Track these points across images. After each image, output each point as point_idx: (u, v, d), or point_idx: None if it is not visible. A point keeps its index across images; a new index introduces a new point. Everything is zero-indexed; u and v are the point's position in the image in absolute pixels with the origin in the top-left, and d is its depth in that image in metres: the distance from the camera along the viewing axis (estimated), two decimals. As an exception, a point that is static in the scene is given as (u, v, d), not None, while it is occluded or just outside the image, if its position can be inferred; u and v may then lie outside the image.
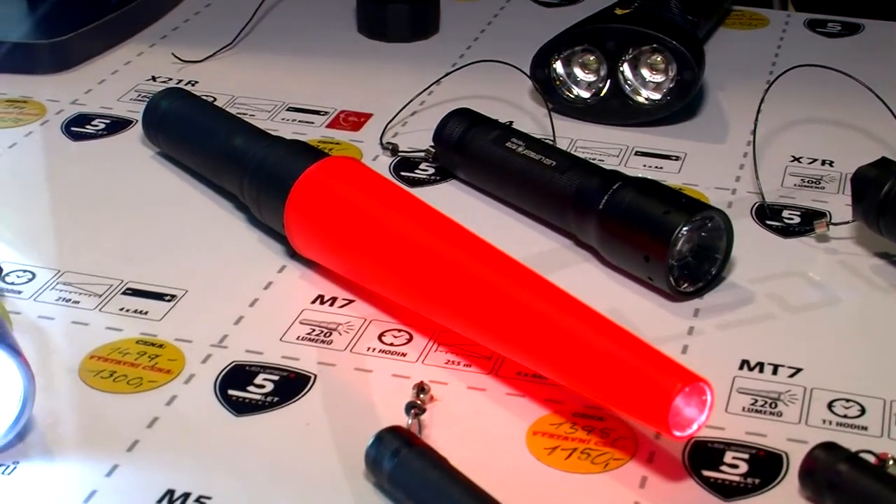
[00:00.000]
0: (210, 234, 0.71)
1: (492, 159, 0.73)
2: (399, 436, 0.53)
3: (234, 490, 0.54)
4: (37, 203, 0.75)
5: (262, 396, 0.59)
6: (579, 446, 0.56)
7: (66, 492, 0.53)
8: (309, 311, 0.65)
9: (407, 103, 0.83)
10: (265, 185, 0.69)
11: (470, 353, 0.61)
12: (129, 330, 0.63)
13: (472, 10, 1.00)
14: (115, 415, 0.58)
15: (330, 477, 0.54)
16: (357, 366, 0.61)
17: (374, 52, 0.94)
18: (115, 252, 0.70)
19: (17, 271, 0.68)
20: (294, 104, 0.86)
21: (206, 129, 0.75)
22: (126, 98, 0.86)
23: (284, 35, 0.96)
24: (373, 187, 0.66)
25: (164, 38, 0.95)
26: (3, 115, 0.84)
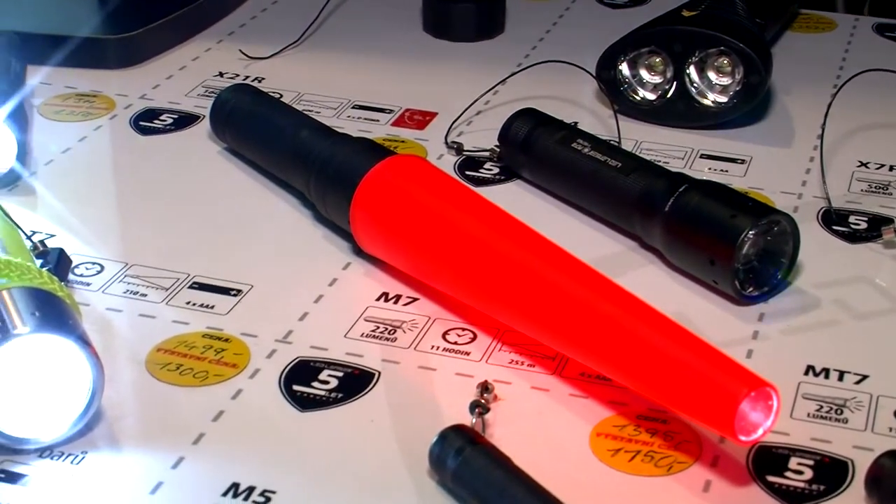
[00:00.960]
0: (276, 230, 0.72)
1: (557, 160, 0.73)
2: (463, 434, 0.53)
3: (298, 485, 0.54)
4: (105, 196, 0.76)
5: (327, 392, 0.59)
6: (643, 449, 0.55)
7: (132, 483, 0.54)
8: (373, 309, 0.65)
9: (472, 103, 0.84)
10: (331, 182, 0.69)
11: (534, 353, 0.61)
12: (196, 323, 0.64)
13: (537, 11, 1.00)
14: (182, 407, 0.58)
15: (393, 474, 0.54)
16: (421, 364, 0.61)
17: (440, 51, 0.94)
18: (182, 246, 0.70)
19: (85, 263, 0.68)
20: (359, 102, 0.86)
21: (273, 126, 0.76)
22: (193, 93, 0.87)
23: (350, 33, 0.96)
24: (439, 186, 0.66)
25: (231, 35, 0.96)
26: (73, 109, 0.85)
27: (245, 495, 0.53)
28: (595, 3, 1.02)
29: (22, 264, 0.58)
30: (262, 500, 0.53)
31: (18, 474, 0.54)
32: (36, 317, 0.55)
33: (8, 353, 0.54)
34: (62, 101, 0.86)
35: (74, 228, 0.71)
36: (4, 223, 0.66)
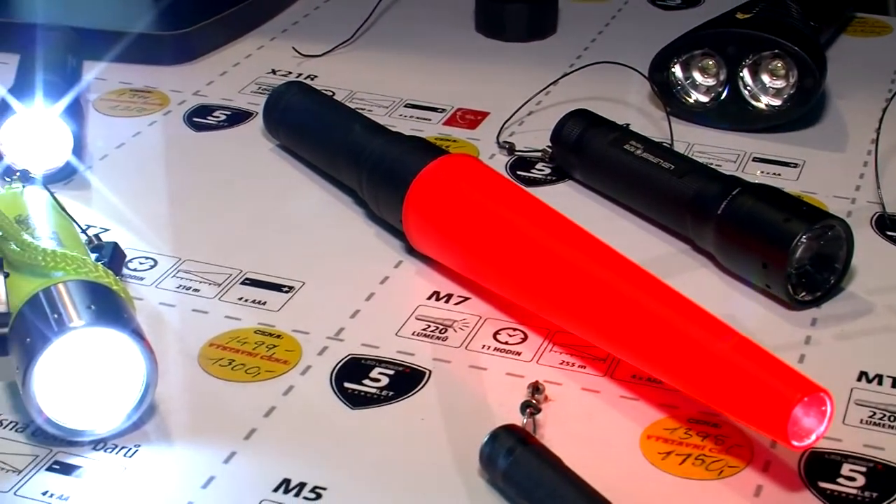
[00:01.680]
0: (328, 228, 0.72)
1: (609, 161, 0.73)
2: (514, 434, 0.53)
3: (349, 482, 0.54)
4: (159, 191, 0.77)
5: (378, 390, 0.59)
6: (694, 452, 0.55)
7: (185, 476, 0.54)
8: (424, 307, 0.65)
9: (524, 103, 0.84)
10: (384, 180, 0.69)
11: (585, 354, 0.61)
12: (248, 319, 0.64)
13: (589, 11, 1.00)
14: (234, 403, 0.59)
15: (443, 473, 0.54)
16: (472, 363, 0.61)
17: (492, 51, 0.94)
18: (235, 242, 0.71)
19: (139, 258, 0.69)
20: (411, 101, 0.86)
21: (326, 124, 0.76)
22: (247, 90, 0.87)
23: (403, 32, 0.96)
24: (491, 185, 0.66)
25: (284, 32, 0.96)
26: (127, 105, 0.85)
27: (296, 491, 0.53)
28: (647, 4, 1.02)
29: (78, 257, 0.59)
30: (312, 497, 0.53)
31: (73, 465, 0.55)
32: (92, 310, 0.56)
33: (64, 346, 0.55)
34: (117, 97, 0.86)
35: (128, 223, 0.72)
36: (60, 217, 0.66)
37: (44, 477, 0.54)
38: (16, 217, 0.63)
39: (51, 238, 0.62)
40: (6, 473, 0.54)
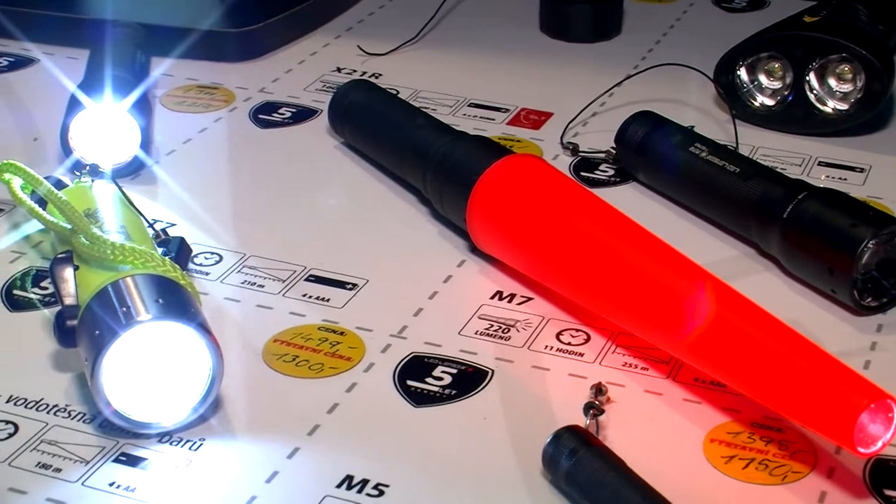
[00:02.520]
0: (392, 226, 0.72)
1: (674, 163, 0.73)
2: (577, 435, 0.53)
3: (412, 480, 0.54)
4: (224, 187, 0.77)
5: (440, 389, 0.60)
6: (757, 457, 0.55)
7: (249, 470, 0.55)
8: (487, 307, 0.65)
9: (588, 104, 0.84)
10: (448, 179, 0.69)
11: (648, 356, 0.61)
12: (312, 316, 0.65)
13: (654, 13, 1.00)
14: (297, 398, 0.59)
15: (506, 472, 0.55)
16: (534, 363, 0.61)
17: (556, 51, 0.94)
18: (299, 239, 0.71)
19: (204, 253, 0.69)
20: (475, 100, 0.86)
21: (391, 122, 0.77)
22: (312, 88, 0.88)
23: (467, 31, 0.97)
24: (556, 186, 0.66)
25: (349, 31, 0.97)
26: (194, 101, 0.86)
27: (359, 488, 0.54)
28: (713, 6, 1.02)
29: (146, 252, 0.59)
30: (375, 494, 0.53)
31: (139, 458, 0.55)
32: (159, 304, 0.56)
33: (132, 339, 0.55)
34: (183, 93, 0.87)
35: (194, 218, 0.73)
36: (128, 211, 0.67)
37: (111, 468, 0.55)
38: (85, 211, 0.64)
39: (119, 232, 0.63)
40: (74, 464, 0.55)
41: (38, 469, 0.55)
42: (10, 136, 0.81)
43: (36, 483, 0.54)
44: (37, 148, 0.79)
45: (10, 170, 0.67)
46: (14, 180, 0.68)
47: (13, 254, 0.69)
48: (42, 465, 0.55)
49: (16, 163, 0.67)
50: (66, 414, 0.58)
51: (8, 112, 0.84)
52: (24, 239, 0.71)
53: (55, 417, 0.57)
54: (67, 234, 0.62)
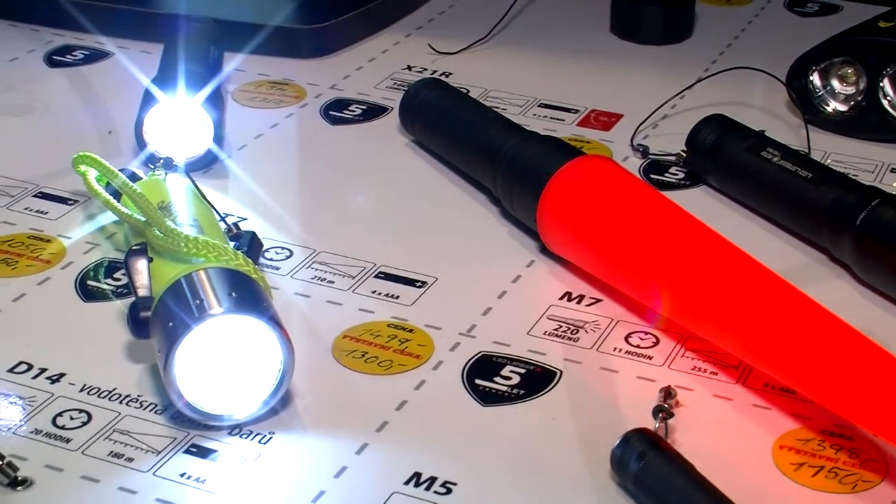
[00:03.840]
0: (461, 225, 0.73)
1: (746, 167, 0.73)
2: (646, 438, 0.53)
3: (479, 478, 0.54)
4: (295, 183, 0.78)
5: (509, 388, 0.60)
6: (827, 465, 0.55)
7: (317, 465, 0.55)
8: (556, 307, 0.65)
9: (659, 106, 0.83)
10: (519, 179, 0.69)
11: (717, 360, 0.61)
12: (381, 313, 0.65)
13: (725, 16, 1.00)
14: (366, 395, 0.59)
15: (573, 473, 0.55)
16: (603, 365, 0.61)
17: (627, 53, 0.94)
18: (369, 236, 0.71)
19: (275, 248, 0.70)
20: (545, 101, 0.86)
21: (462, 121, 0.77)
22: (382, 85, 0.88)
23: (538, 32, 0.97)
24: (627, 188, 0.66)
25: (419, 29, 0.97)
26: (265, 97, 0.87)
27: (427, 485, 0.54)
28: (784, 10, 1.01)
29: (219, 245, 0.60)
30: (443, 491, 0.54)
31: (209, 449, 0.56)
32: (232, 298, 0.57)
33: (205, 332, 0.56)
34: (255, 88, 0.88)
35: (265, 213, 0.73)
36: (201, 204, 0.68)
37: (181, 459, 0.55)
38: (158, 203, 0.65)
39: (191, 225, 0.63)
40: (145, 454, 0.55)
41: (110, 458, 0.55)
42: (85, 128, 0.82)
43: (108, 472, 0.55)
44: (111, 140, 0.80)
45: (86, 162, 0.68)
46: (89, 172, 0.68)
47: (87, 245, 0.70)
48: (114, 455, 0.55)
49: (91, 155, 0.68)
50: (139, 404, 0.58)
51: (83, 105, 0.85)
52: (99, 230, 0.71)
53: (127, 407, 0.58)
54: (141, 226, 0.63)
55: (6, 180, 0.76)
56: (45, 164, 0.77)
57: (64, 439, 0.56)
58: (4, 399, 0.58)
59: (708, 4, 1.00)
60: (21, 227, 0.71)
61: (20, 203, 0.74)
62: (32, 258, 0.69)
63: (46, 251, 0.69)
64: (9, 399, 0.58)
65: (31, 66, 0.91)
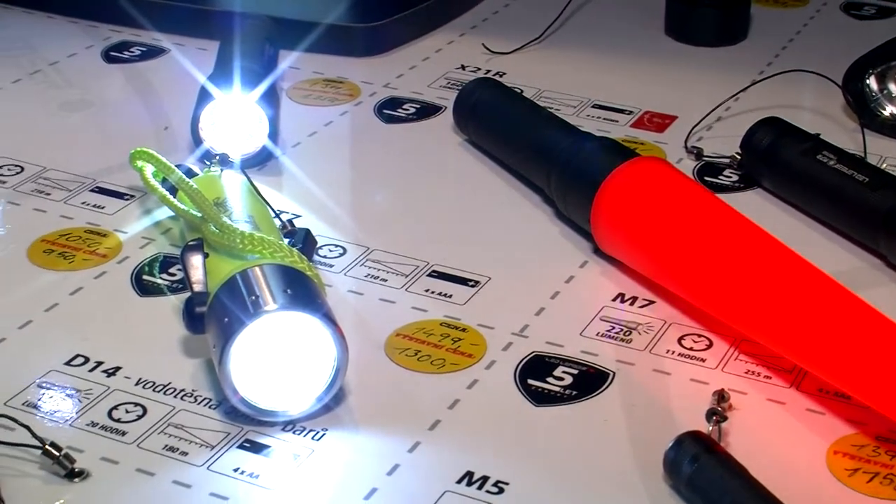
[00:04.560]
0: (514, 225, 0.73)
1: (801, 171, 0.72)
2: (700, 441, 0.53)
3: (531, 479, 0.54)
4: (349, 181, 0.78)
5: (561, 389, 0.60)
6: (882, 471, 0.54)
7: (370, 462, 0.55)
8: (609, 309, 0.65)
9: (714, 108, 0.83)
10: (573, 180, 0.69)
11: (771, 364, 0.61)
12: (434, 311, 0.65)
13: (781, 18, 0.99)
14: (419, 393, 0.60)
15: (626, 475, 0.55)
16: (655, 367, 0.61)
17: (681, 55, 0.93)
18: (422, 234, 0.72)
19: (329, 245, 0.70)
20: (599, 101, 0.86)
21: (516, 121, 0.77)
22: (436, 84, 0.88)
23: (592, 32, 0.96)
24: (682, 190, 0.66)
25: (473, 29, 0.97)
26: (320, 94, 0.87)
27: (479, 484, 0.54)
28: (841, 12, 1.00)
29: (274, 242, 0.60)
30: (495, 491, 0.54)
31: (263, 445, 0.56)
32: (287, 294, 0.57)
33: (260, 328, 0.56)
34: (310, 86, 0.88)
35: (319, 210, 0.73)
36: (256, 201, 0.68)
37: (235, 454, 0.56)
38: (214, 200, 0.65)
39: (246, 221, 0.64)
40: (200, 448, 0.56)
41: (165, 452, 0.56)
42: (141, 124, 0.83)
43: (163, 465, 0.55)
44: (167, 136, 0.81)
45: (143, 157, 0.69)
46: (146, 168, 0.69)
47: (143, 240, 0.71)
48: (169, 448, 0.56)
49: (148, 150, 0.69)
50: (193, 399, 0.59)
51: (139, 101, 0.86)
52: (154, 225, 0.72)
53: (182, 402, 0.59)
54: (197, 222, 0.63)
55: (64, 175, 0.77)
56: (103, 160, 0.78)
57: (119, 432, 0.57)
58: (61, 391, 0.59)
59: (763, 6, 1.00)
60: (78, 221, 0.72)
61: (77, 197, 0.74)
62: (89, 252, 0.69)
63: (103, 245, 0.70)
64: (66, 391, 0.59)
65: (88, 61, 0.92)
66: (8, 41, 0.94)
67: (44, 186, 0.76)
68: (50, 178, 0.76)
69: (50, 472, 0.54)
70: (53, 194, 0.75)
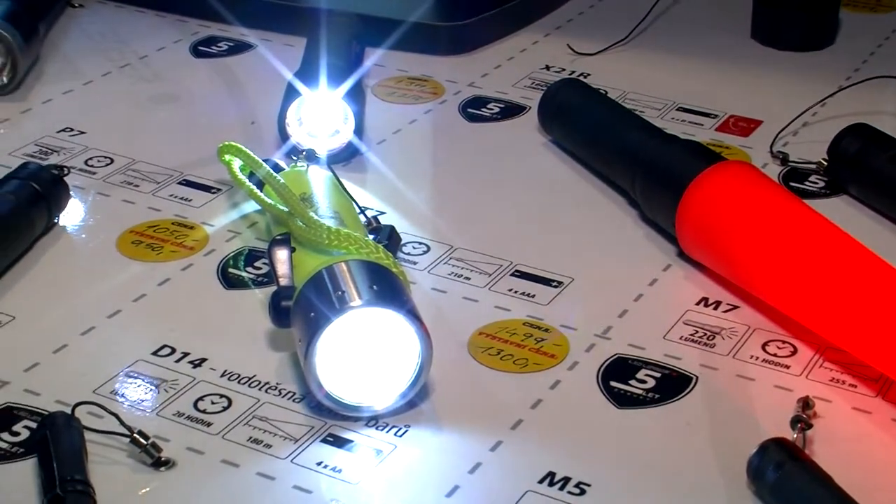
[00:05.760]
0: (598, 226, 0.73)
1: (889, 178, 0.72)
2: (784, 448, 0.53)
3: (613, 480, 0.54)
4: (433, 179, 0.78)
5: (644, 392, 0.60)
6: (969, 482, 0.54)
7: (452, 460, 0.56)
8: (692, 312, 0.65)
9: (800, 113, 0.82)
10: (658, 183, 0.69)
11: (857, 373, 0.60)
12: (517, 311, 0.65)
13: (870, 23, 0.98)
14: (501, 392, 0.60)
15: (708, 480, 0.54)
16: (739, 372, 0.61)
17: (767, 59, 0.93)
18: (506, 234, 0.72)
19: (413, 242, 0.70)
20: (684, 104, 0.86)
21: (602, 122, 0.77)
22: (520, 84, 0.88)
23: (677, 35, 0.96)
24: (769, 194, 0.65)
25: (558, 29, 0.97)
26: (404, 92, 0.87)
27: (561, 485, 0.54)
28: (931, 18, 1.00)
29: (360, 238, 0.60)
30: (577, 492, 0.54)
31: (346, 440, 0.57)
32: (374, 290, 0.57)
33: (346, 324, 0.56)
34: (395, 84, 0.88)
35: (403, 207, 0.74)
36: (341, 197, 0.68)
37: (318, 448, 0.56)
38: (300, 195, 0.65)
39: (332, 217, 0.64)
40: (284, 441, 0.56)
41: (249, 444, 0.56)
42: (228, 118, 0.84)
43: (247, 457, 0.56)
44: (254, 131, 0.82)
45: (231, 151, 0.70)
46: (234, 162, 0.70)
47: (229, 233, 0.71)
48: (253, 440, 0.56)
49: (236, 145, 0.69)
50: (277, 392, 0.59)
51: (227, 95, 0.87)
52: (240, 219, 0.73)
53: (266, 395, 0.59)
54: (284, 216, 0.64)
55: (152, 167, 0.78)
56: (190, 153, 0.79)
57: (205, 423, 0.57)
58: (148, 381, 0.60)
59: (852, 11, 0.99)
60: (166, 213, 0.73)
61: (165, 190, 0.75)
62: (177, 244, 0.70)
63: (190, 238, 0.71)
64: (152, 381, 0.60)
65: (177, 55, 0.93)
66: (99, 35, 0.95)
67: (132, 178, 0.77)
68: (138, 170, 0.77)
69: (137, 460, 0.55)
70: (142, 186, 0.76)
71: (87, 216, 0.73)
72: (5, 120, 0.83)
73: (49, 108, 0.85)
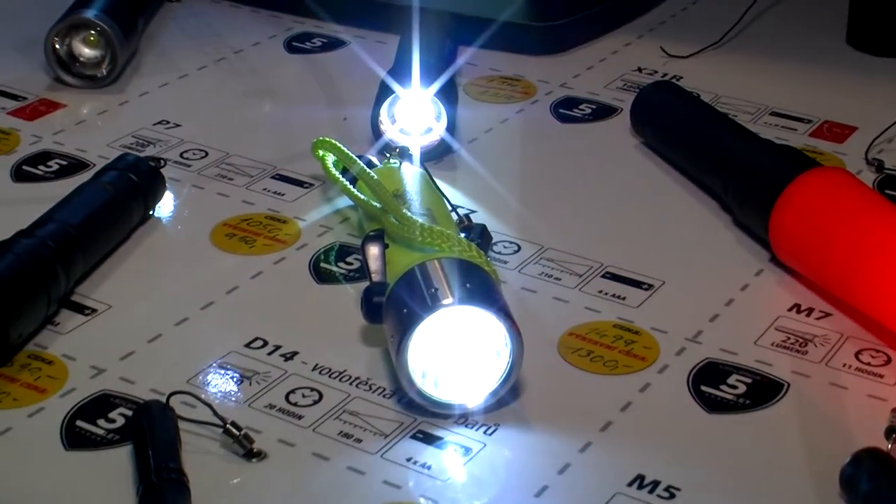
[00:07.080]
0: (690, 229, 0.72)
1: None
2: (879, 458, 0.52)
3: (703, 485, 0.54)
4: (524, 178, 0.79)
5: (735, 397, 0.59)
6: None
7: (541, 460, 0.56)
8: (784, 319, 0.64)
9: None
10: (752, 187, 0.69)
11: (952, 384, 0.60)
12: (607, 313, 0.65)
13: (968, 30, 0.97)
14: (591, 393, 0.60)
15: (800, 489, 0.54)
16: (832, 380, 0.60)
17: (863, 64, 0.92)
18: (597, 235, 0.72)
19: (503, 242, 0.71)
20: (777, 109, 0.85)
21: (695, 126, 0.76)
22: (612, 86, 0.88)
23: (771, 39, 0.95)
24: (865, 201, 0.65)
25: (651, 31, 0.97)
26: (496, 91, 0.87)
27: (650, 488, 0.54)
28: None
29: (452, 236, 0.60)
30: (666, 496, 0.54)
31: (435, 437, 0.57)
32: (467, 289, 0.57)
33: (438, 321, 0.57)
34: (486, 83, 0.89)
35: (494, 206, 0.74)
36: (433, 194, 0.69)
37: (408, 444, 0.56)
38: (393, 192, 0.66)
39: (424, 214, 0.64)
40: (374, 436, 0.57)
41: (339, 438, 0.57)
42: (320, 114, 0.84)
43: (338, 451, 0.56)
44: (346, 127, 0.82)
45: (325, 147, 0.70)
46: (328, 157, 0.70)
47: (321, 228, 0.72)
48: (344, 434, 0.57)
49: (330, 140, 0.70)
50: (367, 387, 0.60)
51: (320, 91, 0.88)
52: (333, 214, 0.73)
53: (357, 389, 0.59)
54: (377, 212, 0.64)
55: (246, 161, 0.78)
56: (283, 147, 0.80)
57: (296, 416, 0.58)
58: (240, 373, 0.60)
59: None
60: (259, 207, 0.74)
61: (259, 184, 0.76)
62: (269, 238, 0.71)
63: (283, 232, 0.71)
64: (244, 373, 0.60)
65: (271, 51, 0.93)
66: (195, 29, 0.96)
67: (227, 171, 0.77)
68: (233, 164, 0.78)
69: (229, 450, 0.56)
70: (236, 180, 0.76)
71: (182, 208, 0.74)
72: (104, 111, 0.85)
73: (146, 100, 0.86)
